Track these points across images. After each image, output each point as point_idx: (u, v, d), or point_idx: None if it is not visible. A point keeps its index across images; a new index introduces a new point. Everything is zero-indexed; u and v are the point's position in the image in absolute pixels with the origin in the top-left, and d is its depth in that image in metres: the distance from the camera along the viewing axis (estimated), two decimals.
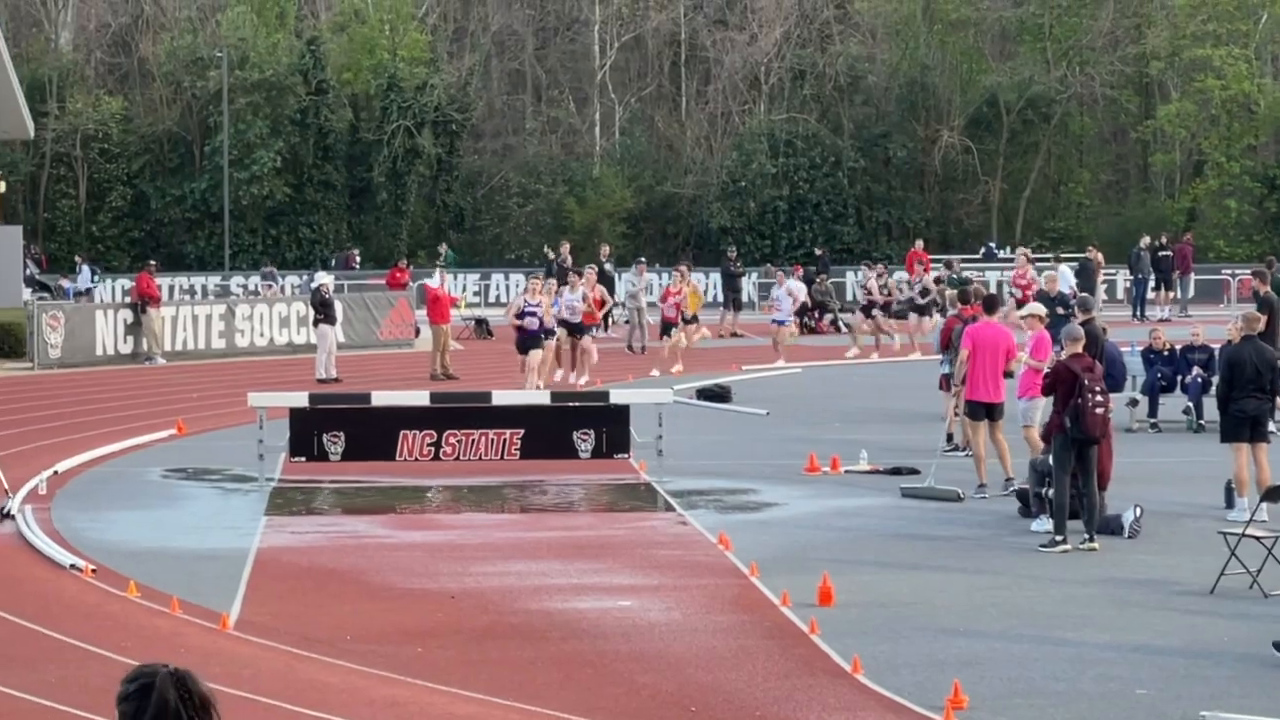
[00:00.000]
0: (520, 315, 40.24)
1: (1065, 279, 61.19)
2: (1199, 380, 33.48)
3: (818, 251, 72.01)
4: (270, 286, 67.04)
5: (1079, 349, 23.45)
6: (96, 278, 68.76)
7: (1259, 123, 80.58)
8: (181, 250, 79.15)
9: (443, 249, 69.06)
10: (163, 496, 27.67)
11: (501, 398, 28.93)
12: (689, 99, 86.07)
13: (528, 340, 40.13)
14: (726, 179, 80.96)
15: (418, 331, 53.24)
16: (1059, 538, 22.78)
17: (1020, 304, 39.00)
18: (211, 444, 32.98)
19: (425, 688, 16.37)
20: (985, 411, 26.72)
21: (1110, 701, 15.92)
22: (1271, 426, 25.42)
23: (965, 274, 58.43)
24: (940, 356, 32.52)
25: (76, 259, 71.11)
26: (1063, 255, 64.91)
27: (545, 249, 64.94)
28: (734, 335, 57.63)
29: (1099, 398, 22.95)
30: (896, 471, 28.91)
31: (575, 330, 42.95)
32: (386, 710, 15.41)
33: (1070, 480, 22.98)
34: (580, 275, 47.10)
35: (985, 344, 26.72)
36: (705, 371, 44.79)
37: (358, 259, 71.46)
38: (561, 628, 19.18)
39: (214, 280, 71.79)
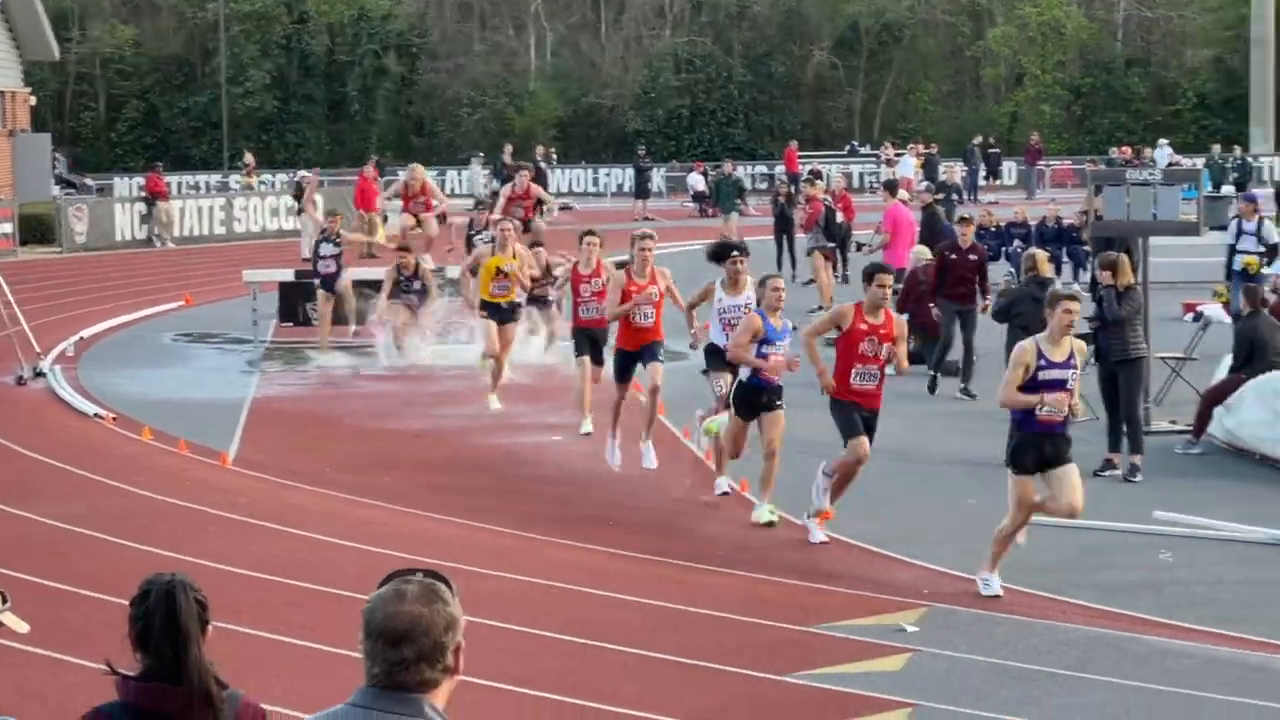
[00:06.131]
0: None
1: (905, 165, 61.43)
2: (1019, 250, 33.48)
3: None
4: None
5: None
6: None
7: (1067, 42, 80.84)
8: (188, 153, 78.46)
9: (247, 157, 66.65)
10: (173, 356, 27.41)
11: (453, 272, 28.39)
12: (607, 25, 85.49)
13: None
14: (639, 91, 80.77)
15: (385, 218, 52.78)
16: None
17: None
18: (213, 313, 32.68)
19: (393, 510, 16.27)
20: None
21: (946, 510, 15.97)
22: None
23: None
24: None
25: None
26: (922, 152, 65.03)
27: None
28: (645, 219, 57.35)
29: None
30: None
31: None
32: (359, 529, 15.31)
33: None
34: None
35: (903, 222, 27.53)
36: (622, 248, 44.44)
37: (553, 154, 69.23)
38: (506, 459, 19.13)
39: (215, 178, 70.93)
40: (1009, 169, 69.88)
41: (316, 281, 26.80)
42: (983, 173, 65.48)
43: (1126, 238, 22.80)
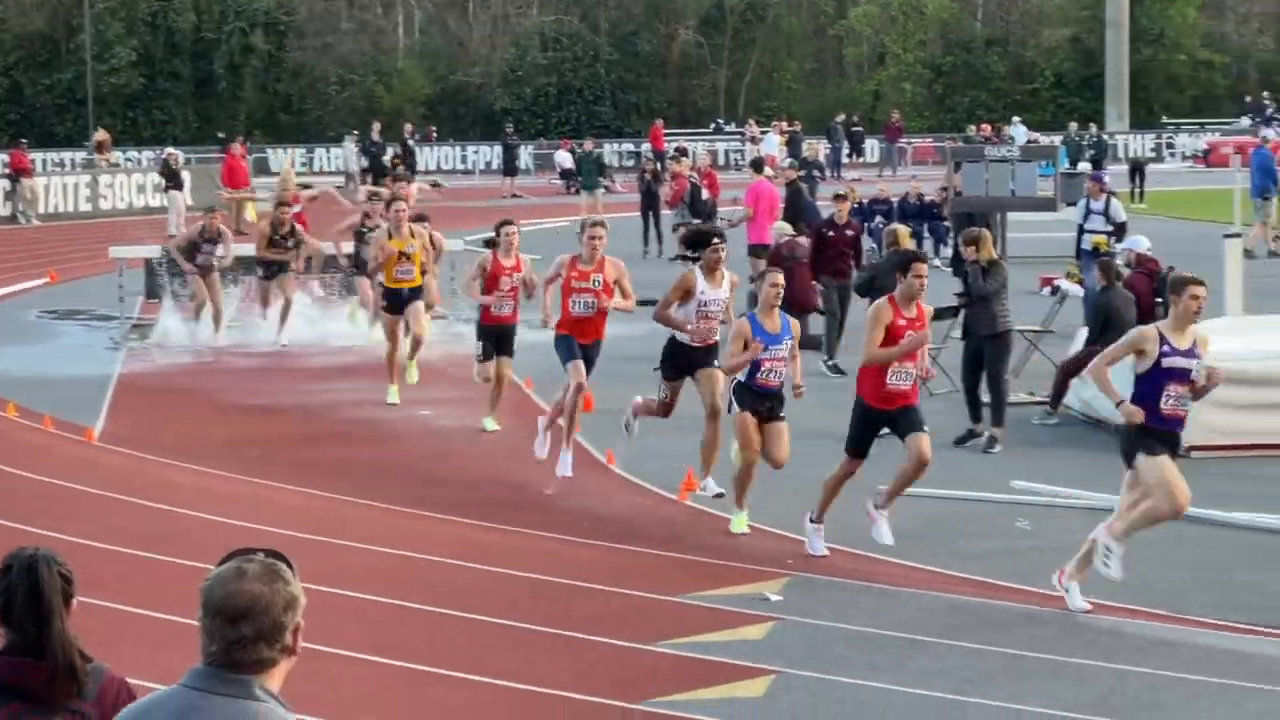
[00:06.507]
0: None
1: (770, 143, 61.71)
2: (881, 225, 33.73)
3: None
4: None
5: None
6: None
7: (928, 22, 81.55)
8: (52, 130, 77.43)
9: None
10: (38, 333, 27.06)
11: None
12: (475, 4, 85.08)
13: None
14: (507, 69, 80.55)
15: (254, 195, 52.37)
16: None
17: None
18: (79, 289, 32.27)
19: (261, 484, 16.15)
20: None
21: (810, 481, 15.98)
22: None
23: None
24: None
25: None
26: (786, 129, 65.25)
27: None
28: (514, 196, 57.27)
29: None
30: (643, 303, 28.89)
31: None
32: (227, 504, 15.17)
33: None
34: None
35: (766, 197, 27.88)
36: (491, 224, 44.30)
37: (434, 132, 71.44)
38: (373, 433, 19.03)
39: (80, 155, 70.01)
40: (871, 146, 70.40)
41: (193, 265, 25.83)
42: (846, 150, 65.94)
43: (985, 213, 23.08)
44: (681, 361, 15.34)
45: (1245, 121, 71.19)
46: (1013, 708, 9.70)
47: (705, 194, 33.85)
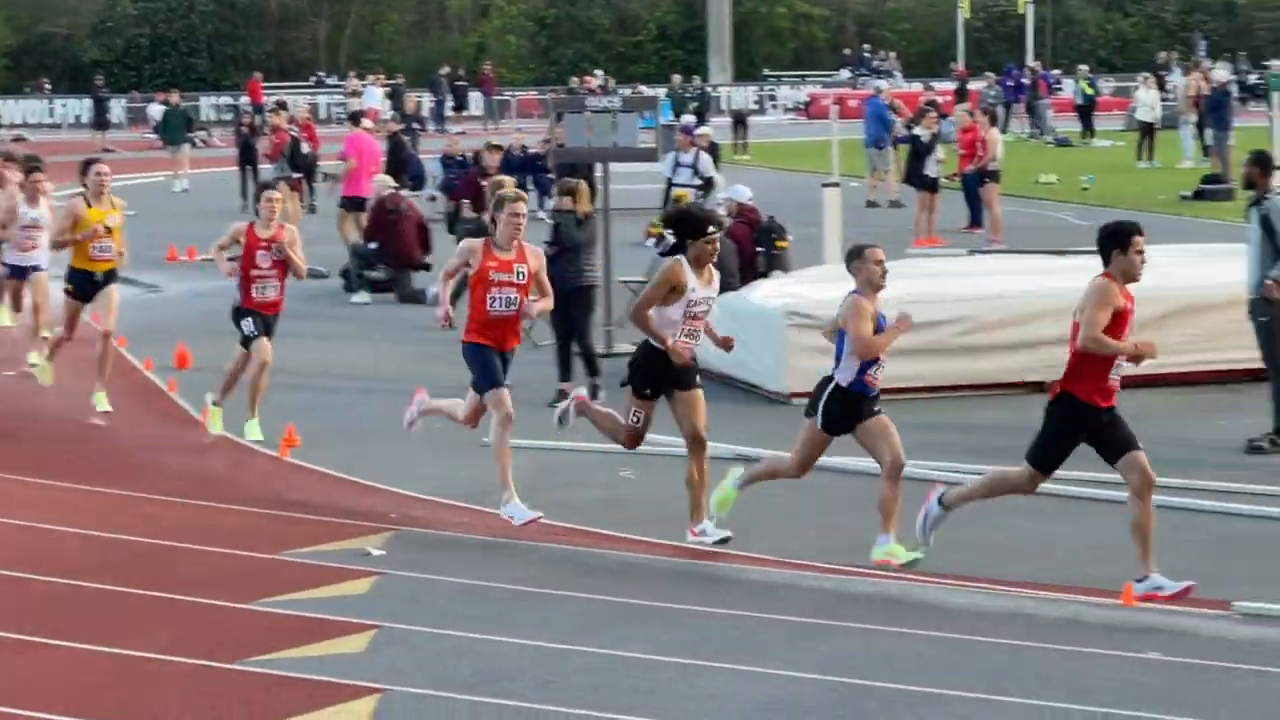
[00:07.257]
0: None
1: (372, 96, 61.35)
2: None
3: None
4: None
5: None
6: None
7: None
8: None
9: None
10: None
11: None
12: None
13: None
14: (96, 20, 78.62)
15: None
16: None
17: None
18: None
19: None
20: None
21: (413, 434, 15.95)
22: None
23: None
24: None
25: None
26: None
27: None
28: (105, 151, 55.81)
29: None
30: None
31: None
32: None
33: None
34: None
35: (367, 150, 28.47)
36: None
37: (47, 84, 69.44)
38: None
39: None
40: (475, 99, 70.45)
41: None
42: (450, 103, 65.96)
43: (588, 164, 23.24)
44: (660, 376, 12.72)
45: (845, 74, 73.19)
46: (615, 654, 9.78)
47: (306, 147, 33.41)
